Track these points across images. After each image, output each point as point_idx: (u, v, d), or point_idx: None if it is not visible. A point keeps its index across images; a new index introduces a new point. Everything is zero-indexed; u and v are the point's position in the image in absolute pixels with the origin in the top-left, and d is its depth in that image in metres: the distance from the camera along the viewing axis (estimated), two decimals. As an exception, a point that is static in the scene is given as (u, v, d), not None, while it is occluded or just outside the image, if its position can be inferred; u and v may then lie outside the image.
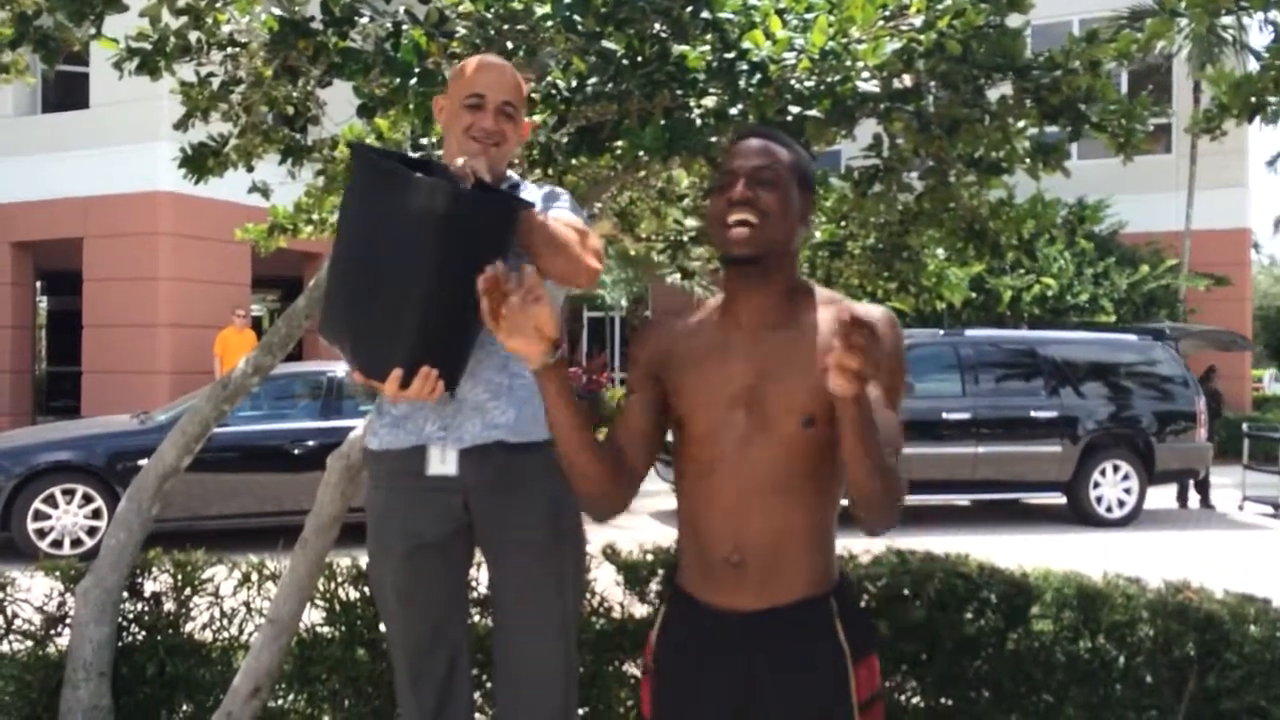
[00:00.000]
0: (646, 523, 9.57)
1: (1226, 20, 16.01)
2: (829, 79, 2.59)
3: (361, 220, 2.15)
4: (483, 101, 2.30)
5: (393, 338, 2.12)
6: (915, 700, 3.28)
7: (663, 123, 2.57)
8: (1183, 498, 11.59)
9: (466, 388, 2.26)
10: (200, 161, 3.42)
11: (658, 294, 19.44)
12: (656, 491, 11.29)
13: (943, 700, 3.25)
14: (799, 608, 1.72)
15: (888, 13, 2.75)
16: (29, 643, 3.27)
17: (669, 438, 1.87)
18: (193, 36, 3.09)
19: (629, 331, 21.13)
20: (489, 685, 3.21)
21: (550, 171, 3.13)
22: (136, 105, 12.30)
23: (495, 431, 2.27)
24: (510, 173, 2.48)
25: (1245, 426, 12.25)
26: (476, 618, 3.22)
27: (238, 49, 3.15)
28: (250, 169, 3.50)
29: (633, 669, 3.37)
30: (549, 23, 2.62)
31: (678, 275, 5.13)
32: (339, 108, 3.46)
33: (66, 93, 14.18)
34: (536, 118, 2.76)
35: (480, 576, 2.80)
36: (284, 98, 3.29)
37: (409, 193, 2.04)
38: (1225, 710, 3.14)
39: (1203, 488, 11.39)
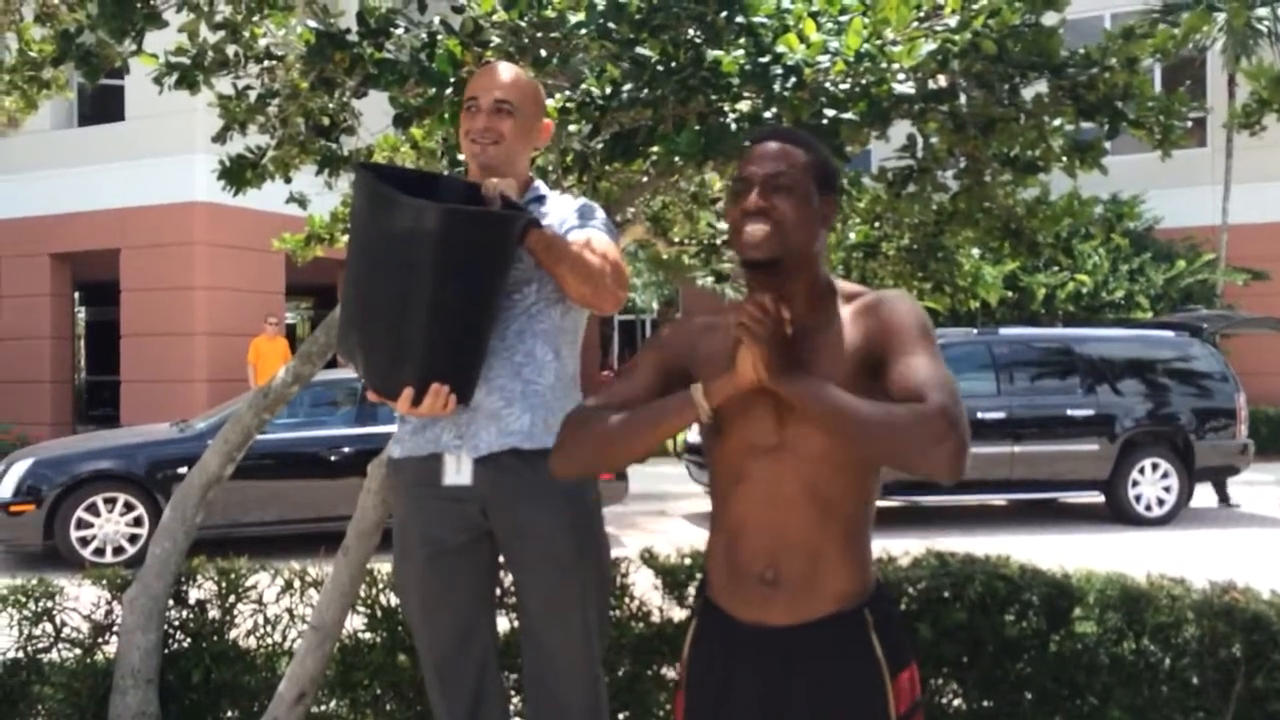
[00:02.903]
0: (681, 525, 9.56)
1: (1261, 12, 15.81)
2: (864, 81, 2.58)
3: (364, 241, 2.18)
4: (475, 103, 2.34)
5: (401, 357, 2.16)
6: (957, 703, 3.26)
7: (698, 128, 2.57)
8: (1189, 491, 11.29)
9: (481, 394, 2.27)
10: (239, 173, 3.45)
11: (688, 297, 19.43)
12: (690, 494, 11.32)
13: (985, 703, 3.23)
14: (832, 621, 1.69)
15: (922, 13, 2.74)
16: (78, 650, 3.32)
17: (699, 441, 1.87)
18: (230, 50, 3.12)
19: (660, 334, 21.09)
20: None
21: (585, 178, 3.15)
22: (171, 117, 12.44)
23: (510, 439, 2.28)
24: (538, 183, 2.48)
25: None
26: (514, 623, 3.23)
27: (274, 62, 3.19)
28: (288, 180, 3.54)
29: (671, 673, 3.37)
30: (583, 30, 2.63)
31: (710, 279, 5.13)
32: (374, 118, 3.49)
33: (102, 106, 14.38)
34: (572, 127, 2.77)
35: (510, 581, 2.80)
36: (320, 109, 3.32)
37: (397, 214, 2.07)
38: (1274, 712, 3.10)
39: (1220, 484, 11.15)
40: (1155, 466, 10.33)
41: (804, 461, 1.68)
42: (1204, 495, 11.32)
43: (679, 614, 3.38)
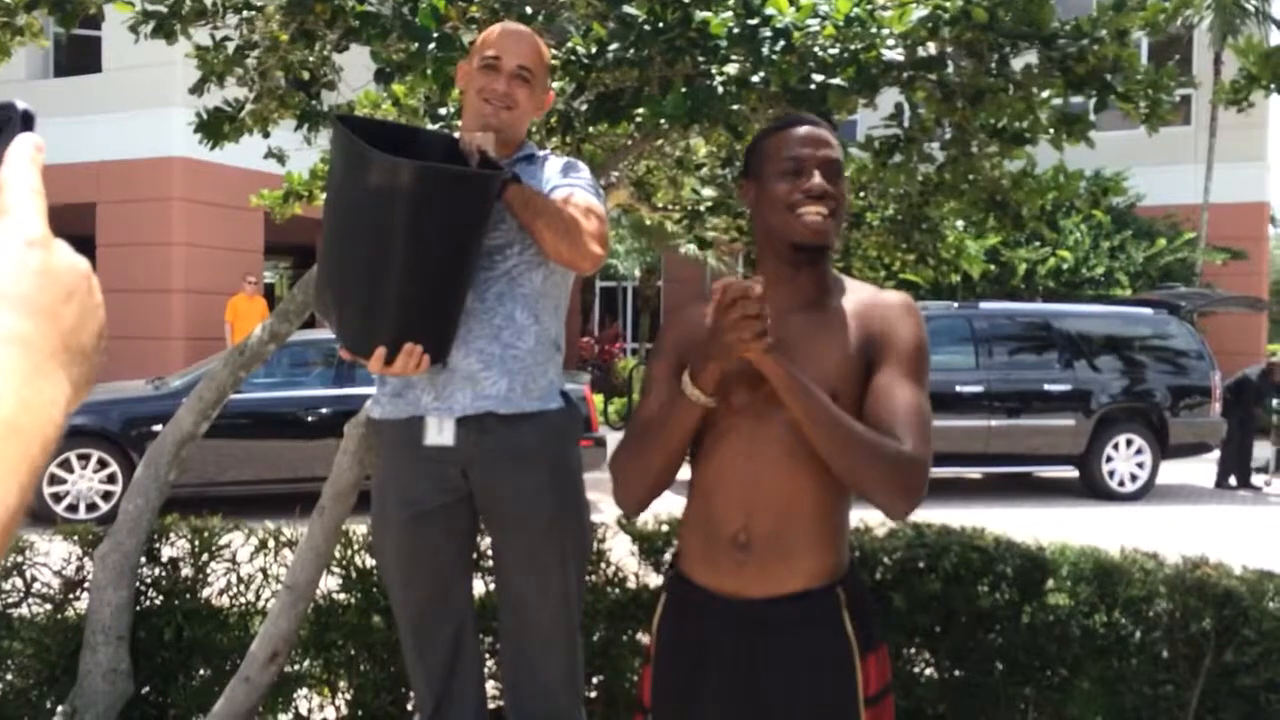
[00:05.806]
0: (658, 492, 9.56)
1: (1249, -10, 15.80)
2: (853, 46, 2.55)
3: (340, 196, 2.15)
4: (498, 63, 2.29)
5: (374, 315, 2.13)
6: (929, 672, 3.29)
7: (684, 90, 2.54)
8: (1225, 476, 11.39)
9: (458, 356, 2.25)
10: (216, 127, 3.39)
11: (671, 264, 19.37)
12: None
13: (956, 672, 3.25)
14: (805, 598, 1.68)
15: (913, -21, 2.71)
16: (48, 606, 3.29)
17: None
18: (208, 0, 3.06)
19: (641, 302, 21.08)
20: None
21: (568, 140, 3.10)
22: (150, 70, 12.25)
23: (486, 402, 2.26)
24: (528, 143, 2.45)
25: (1275, 402, 12.12)
26: (491, 586, 3.23)
27: (254, 12, 3.12)
28: (266, 135, 3.48)
29: (646, 638, 3.37)
30: (569, -13, 2.58)
31: (693, 245, 5.10)
32: (355, 73, 3.43)
33: (79, 57, 14.13)
34: (555, 85, 2.73)
35: (486, 544, 2.80)
36: (300, 62, 3.26)
37: (371, 170, 2.04)
38: (1242, 686, 3.14)
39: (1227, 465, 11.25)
40: (1130, 442, 10.42)
41: (785, 425, 1.66)
42: (1175, 471, 11.44)
43: (655, 580, 3.38)
